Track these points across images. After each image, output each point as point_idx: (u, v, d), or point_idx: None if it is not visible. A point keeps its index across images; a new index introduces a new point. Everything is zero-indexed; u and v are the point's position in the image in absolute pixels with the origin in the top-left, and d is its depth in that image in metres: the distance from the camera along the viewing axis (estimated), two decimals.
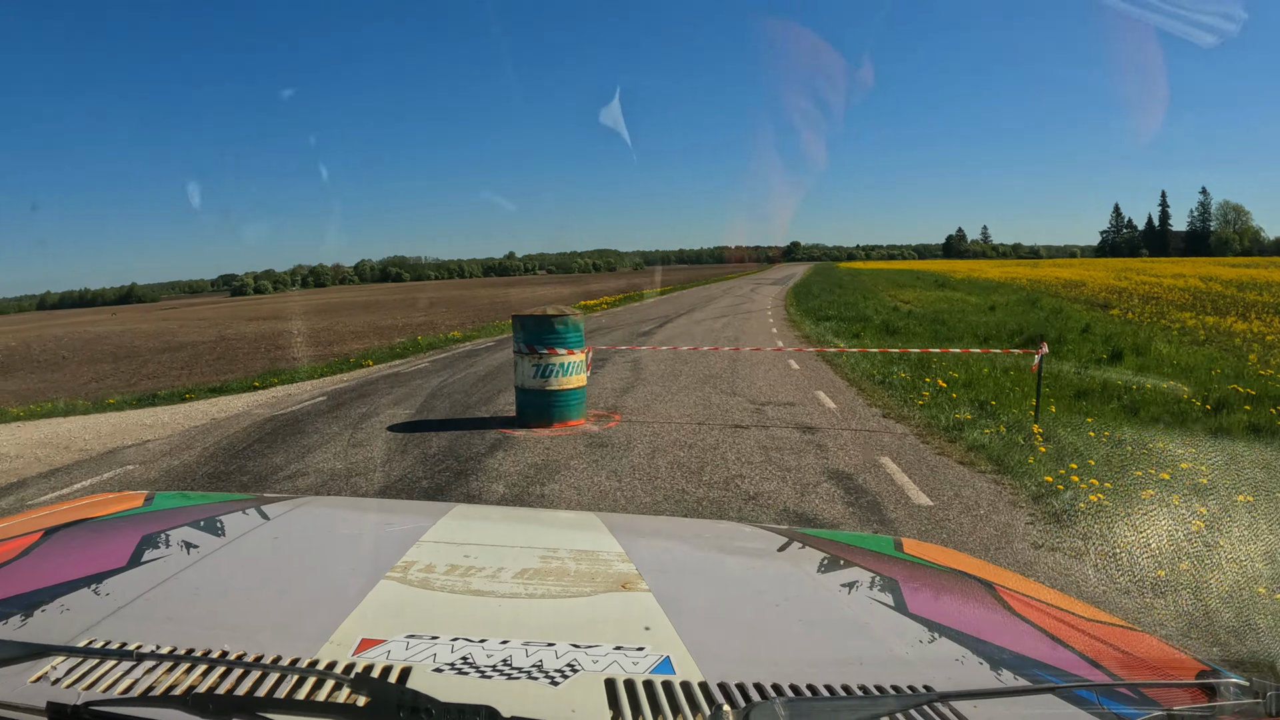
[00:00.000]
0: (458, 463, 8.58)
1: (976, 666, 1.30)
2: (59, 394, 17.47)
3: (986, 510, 6.66)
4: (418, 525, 2.04)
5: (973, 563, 2.24)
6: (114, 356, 28.60)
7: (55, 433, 11.65)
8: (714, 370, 14.97)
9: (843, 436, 9.50)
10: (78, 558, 1.68)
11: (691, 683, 1.16)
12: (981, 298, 39.13)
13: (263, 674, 1.11)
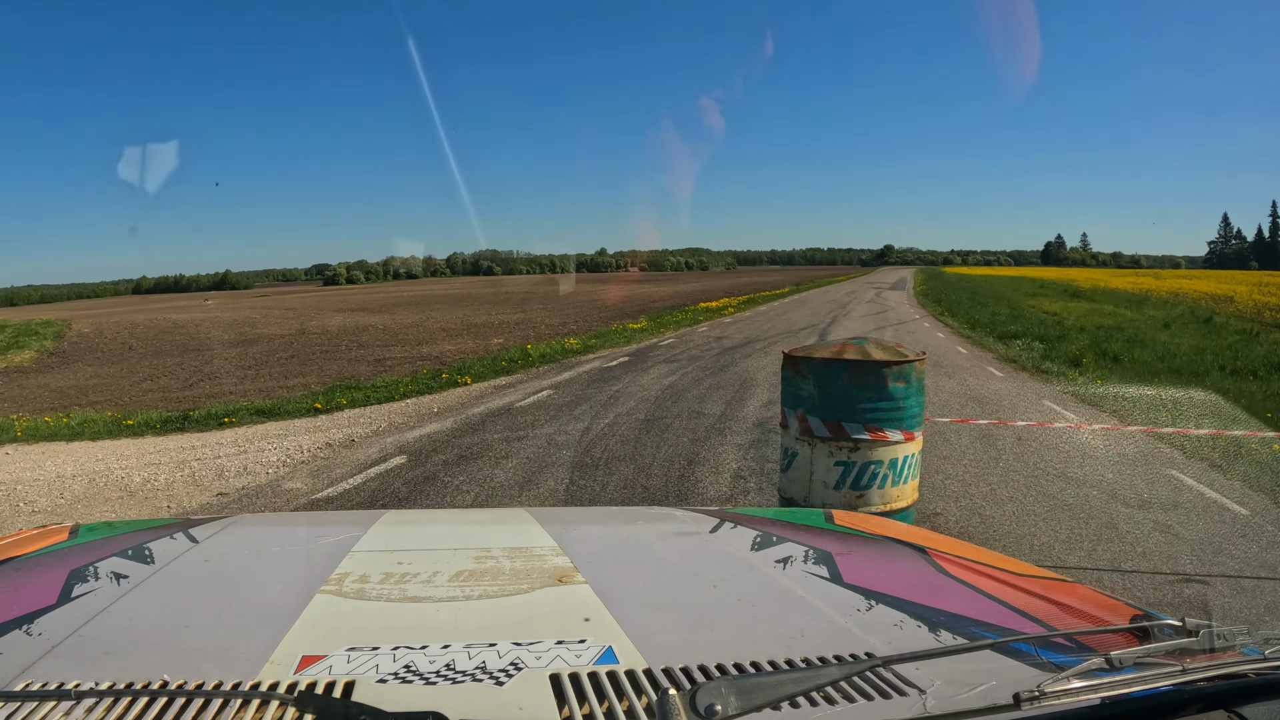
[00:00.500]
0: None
1: (915, 630, 1.33)
2: (102, 395, 15.94)
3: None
4: (349, 535, 2.01)
5: (904, 529, 2.39)
6: (183, 349, 26.49)
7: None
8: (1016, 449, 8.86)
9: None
10: (7, 598, 1.61)
11: (636, 670, 1.16)
12: (1134, 311, 35.45)
13: (205, 701, 1.07)
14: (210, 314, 49.34)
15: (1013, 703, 1.06)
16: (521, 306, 44.22)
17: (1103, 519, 6.52)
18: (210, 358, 22.96)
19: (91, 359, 24.81)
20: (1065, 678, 1.11)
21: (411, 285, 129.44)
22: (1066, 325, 27.15)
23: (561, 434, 9.79)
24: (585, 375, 15.37)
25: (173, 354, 24.90)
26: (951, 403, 11.63)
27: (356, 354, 21.40)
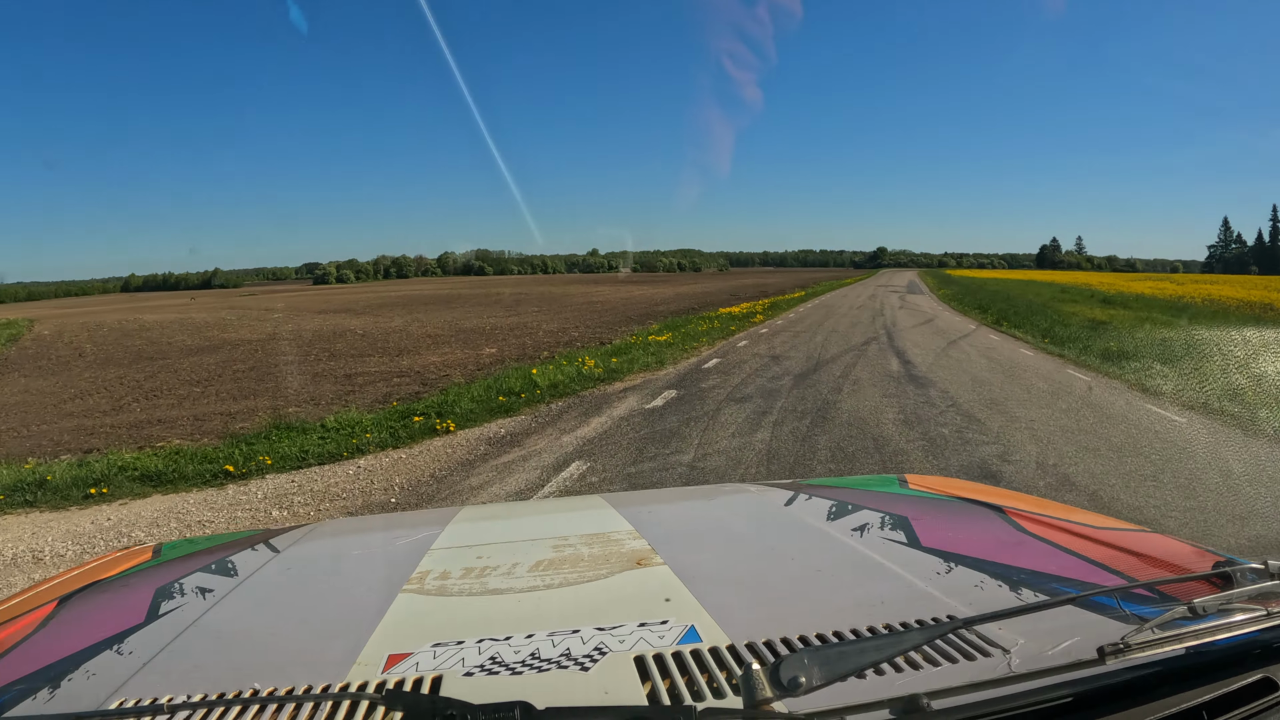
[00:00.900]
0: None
1: (996, 589, 1.33)
2: (18, 417, 13.56)
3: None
4: (427, 534, 2.03)
5: (979, 489, 2.30)
6: (138, 356, 23.51)
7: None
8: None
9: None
10: (95, 620, 1.63)
11: (719, 647, 1.16)
12: (1181, 318, 31.35)
13: (296, 706, 1.09)
14: (186, 315, 46.47)
15: (1097, 657, 1.04)
16: (515, 309, 41.84)
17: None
18: (161, 368, 19.92)
19: (33, 368, 21.98)
20: (1148, 629, 1.09)
21: (402, 284, 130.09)
22: (1145, 339, 23.28)
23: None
24: (622, 425, 10.46)
25: (124, 363, 21.90)
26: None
27: (325, 366, 18.28)
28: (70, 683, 1.25)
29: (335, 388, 14.60)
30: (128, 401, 14.78)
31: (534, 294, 62.31)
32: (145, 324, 38.57)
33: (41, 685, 1.25)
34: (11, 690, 1.25)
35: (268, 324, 35.52)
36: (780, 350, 18.51)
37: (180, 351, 24.37)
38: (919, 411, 10.74)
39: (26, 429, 12.34)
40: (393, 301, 54.88)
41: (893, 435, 9.34)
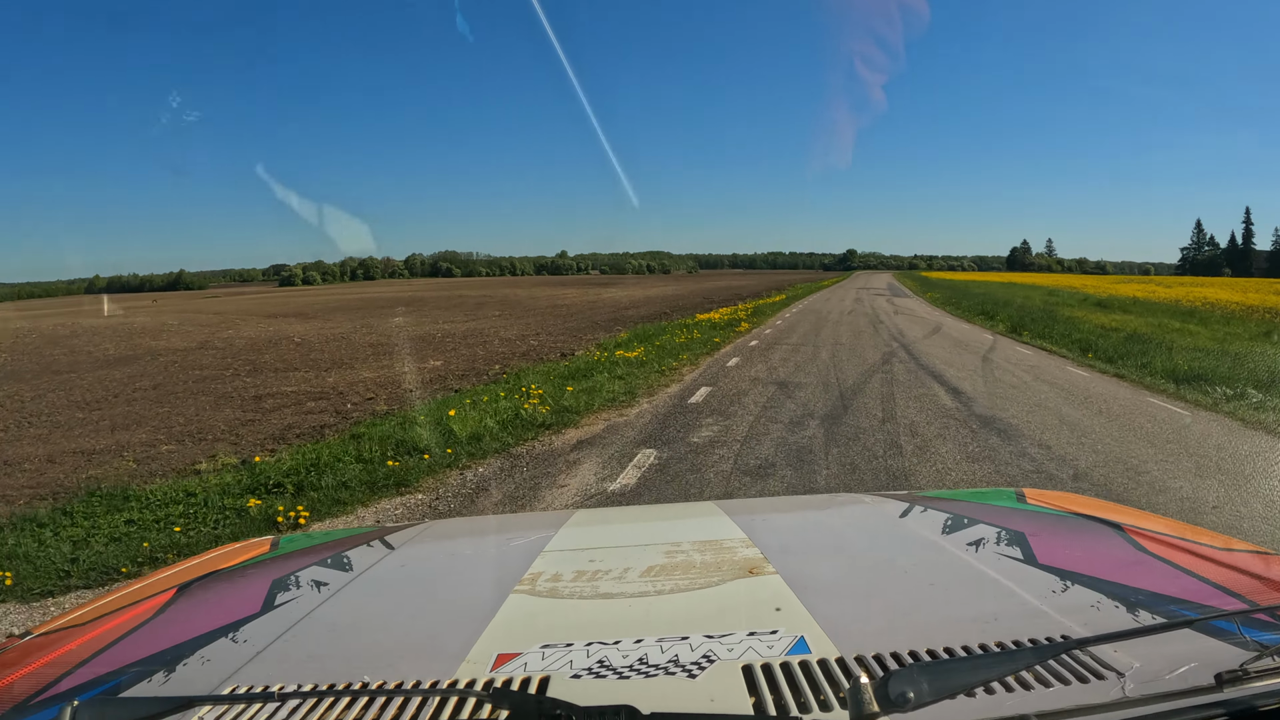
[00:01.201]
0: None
1: (1112, 610, 1.29)
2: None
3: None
4: (540, 536, 2.02)
5: (1098, 505, 2.23)
6: (45, 369, 20.63)
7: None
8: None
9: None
10: (213, 609, 1.67)
11: (828, 659, 1.14)
12: (1202, 326, 28.33)
13: (404, 700, 1.10)
14: (131, 319, 43.61)
15: (1215, 684, 1.00)
16: (475, 313, 39.50)
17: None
18: (61, 384, 17.17)
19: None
20: (1269, 656, 1.04)
21: (368, 286, 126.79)
22: (1201, 354, 19.77)
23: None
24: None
25: (27, 377, 19.05)
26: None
27: (239, 384, 15.58)
28: (185, 667, 1.28)
29: (235, 414, 12.06)
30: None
31: (499, 296, 60.42)
32: (79, 330, 35.61)
33: (158, 668, 1.28)
34: (129, 671, 1.28)
35: (206, 330, 32.75)
36: (785, 373, 14.53)
37: (94, 363, 21.46)
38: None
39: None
40: (351, 305, 52.74)
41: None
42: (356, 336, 25.94)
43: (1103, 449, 8.54)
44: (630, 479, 7.61)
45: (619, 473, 7.84)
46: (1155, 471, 7.62)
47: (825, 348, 18.95)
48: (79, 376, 18.49)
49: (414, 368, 17.41)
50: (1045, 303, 43.17)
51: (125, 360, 21.75)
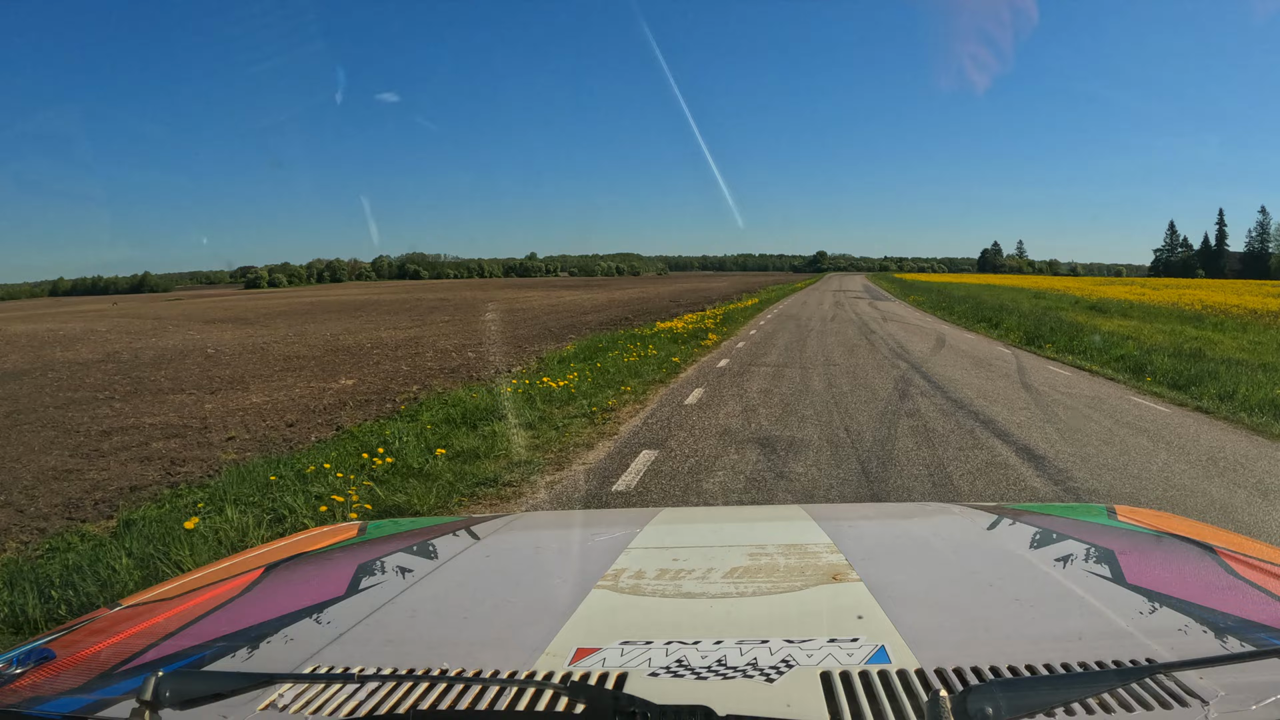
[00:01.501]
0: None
1: (1200, 635, 1.24)
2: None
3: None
4: (625, 533, 2.00)
5: (1191, 525, 2.13)
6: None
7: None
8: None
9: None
10: (298, 590, 1.68)
11: (908, 670, 1.11)
12: (1218, 333, 25.67)
13: (482, 688, 1.10)
14: (62, 325, 41.14)
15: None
16: (424, 318, 36.77)
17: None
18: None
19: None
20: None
21: (331, 289, 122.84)
22: (1216, 360, 16.33)
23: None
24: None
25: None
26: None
27: (103, 412, 12.82)
28: (269, 645, 1.29)
29: (60, 459, 9.56)
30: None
31: (458, 300, 57.89)
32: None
33: (242, 644, 1.29)
34: (214, 646, 1.29)
35: (129, 338, 30.23)
36: (768, 418, 9.97)
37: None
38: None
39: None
40: (300, 309, 50.15)
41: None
42: (277, 348, 23.15)
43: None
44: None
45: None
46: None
47: (816, 370, 14.57)
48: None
49: (319, 387, 14.62)
50: (1037, 306, 39.66)
51: (13, 376, 18.98)
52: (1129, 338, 21.47)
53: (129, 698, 1.04)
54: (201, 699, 1.05)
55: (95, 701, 1.11)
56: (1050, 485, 6.93)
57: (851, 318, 31.07)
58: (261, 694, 1.10)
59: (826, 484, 6.98)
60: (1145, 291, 53.96)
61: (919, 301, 46.26)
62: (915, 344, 20.41)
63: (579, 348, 18.24)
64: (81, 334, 33.08)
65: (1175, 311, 37.60)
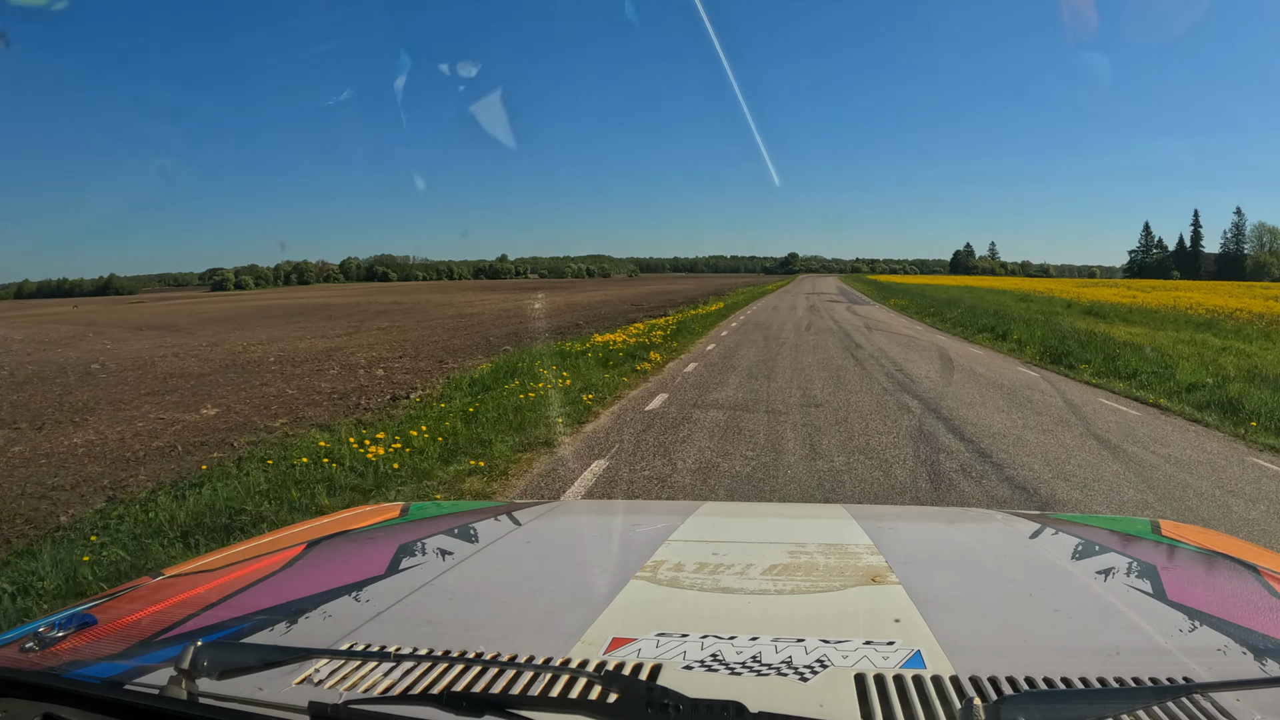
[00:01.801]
0: None
1: (1240, 656, 1.20)
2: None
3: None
4: (666, 525, 1.98)
5: (1235, 544, 2.06)
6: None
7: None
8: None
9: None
10: (339, 567, 1.70)
11: (942, 677, 1.09)
12: (1242, 342, 22.90)
13: (516, 673, 1.09)
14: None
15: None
16: (361, 325, 33.80)
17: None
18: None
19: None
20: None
21: (294, 291, 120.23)
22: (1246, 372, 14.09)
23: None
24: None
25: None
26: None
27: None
28: (307, 620, 1.30)
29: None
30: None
31: (410, 303, 55.59)
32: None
33: (281, 618, 1.30)
34: (254, 619, 1.31)
35: (35, 349, 27.29)
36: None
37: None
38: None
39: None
40: (241, 314, 48.32)
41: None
42: (170, 363, 20.26)
43: None
44: None
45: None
46: None
47: (790, 418, 9.78)
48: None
49: (167, 420, 11.37)
50: (1028, 310, 35.88)
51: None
52: (1159, 350, 17.68)
53: (167, 665, 1.06)
54: (239, 670, 1.05)
55: (134, 668, 1.11)
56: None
57: (830, 326, 26.62)
58: (298, 668, 1.09)
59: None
60: (1136, 294, 50.36)
61: (902, 306, 41.92)
62: (917, 365, 15.69)
63: (494, 367, 13.92)
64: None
65: (1178, 316, 34.68)
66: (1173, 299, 44.17)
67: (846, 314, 34.57)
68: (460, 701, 0.98)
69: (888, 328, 26.63)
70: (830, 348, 19.09)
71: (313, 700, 1.00)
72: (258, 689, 1.04)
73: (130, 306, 76.17)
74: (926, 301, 43.59)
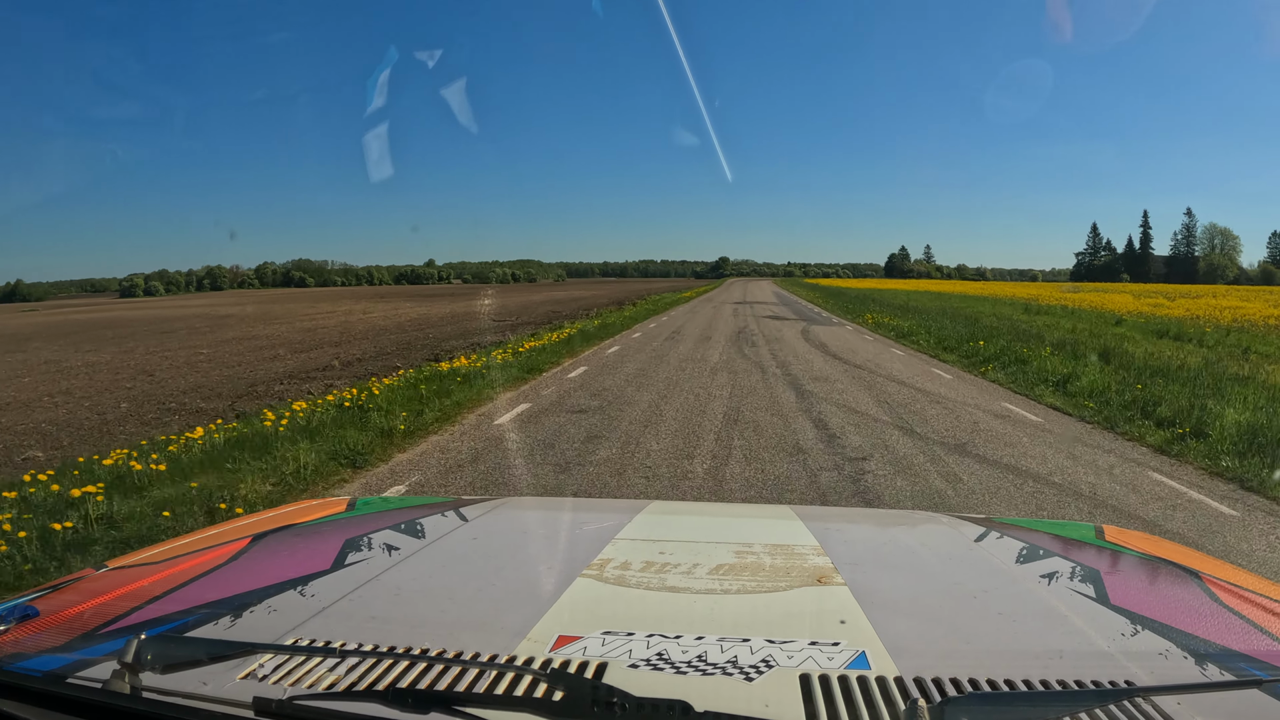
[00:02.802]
0: None
1: (1180, 660, 1.21)
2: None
3: None
4: (614, 523, 1.93)
5: (1178, 550, 2.07)
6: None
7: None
8: None
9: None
10: (284, 561, 1.66)
11: (887, 678, 1.09)
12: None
13: (462, 670, 1.08)
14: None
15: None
16: (131, 348, 27.39)
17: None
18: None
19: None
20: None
21: (198, 298, 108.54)
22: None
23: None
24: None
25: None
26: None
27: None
28: (252, 614, 1.27)
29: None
30: None
31: (256, 314, 50.48)
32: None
33: (226, 612, 1.27)
34: (198, 612, 1.27)
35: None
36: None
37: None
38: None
39: None
40: (92, 325, 44.55)
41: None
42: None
43: None
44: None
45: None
46: None
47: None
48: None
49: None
50: (1035, 324, 26.46)
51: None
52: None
53: (110, 659, 1.03)
54: (182, 664, 1.04)
55: (77, 661, 1.08)
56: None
57: (767, 364, 14.96)
58: (242, 662, 1.07)
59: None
60: (1160, 302, 41.74)
61: (884, 324, 27.41)
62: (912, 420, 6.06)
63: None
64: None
65: (1242, 329, 26.01)
66: (1138, 305, 38.65)
67: (795, 338, 21.53)
68: (405, 698, 0.95)
69: (887, 373, 14.25)
70: (770, 432, 8.03)
71: (257, 695, 0.97)
72: (202, 683, 1.02)
73: (25, 314, 70.95)
74: (907, 312, 31.91)
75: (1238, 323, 28.16)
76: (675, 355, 16.99)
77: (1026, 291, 59.62)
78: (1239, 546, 5.45)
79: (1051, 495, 6.63)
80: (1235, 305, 36.17)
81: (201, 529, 1.99)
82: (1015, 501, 6.41)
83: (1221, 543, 5.50)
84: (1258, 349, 19.49)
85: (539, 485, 6.82)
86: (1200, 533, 5.71)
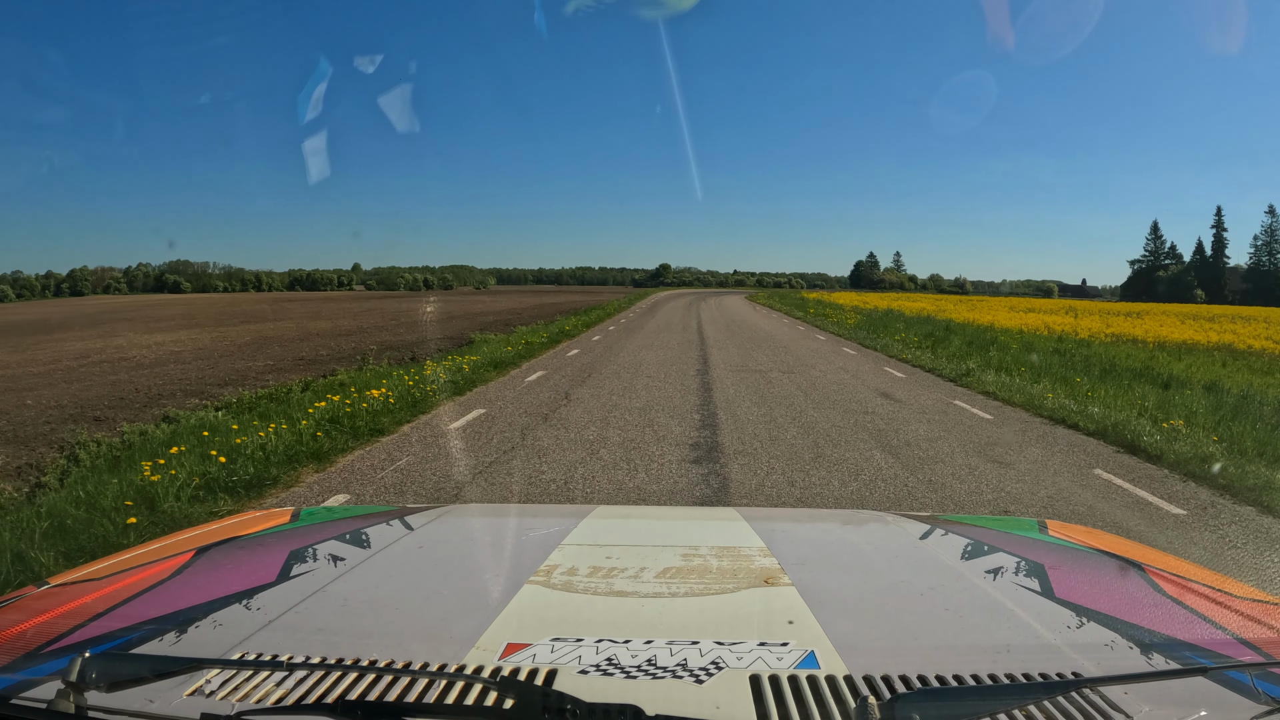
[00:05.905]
0: None
1: (1126, 651, 1.25)
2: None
3: None
4: (560, 528, 1.97)
5: (1121, 543, 2.13)
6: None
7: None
8: None
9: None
10: (229, 575, 1.65)
11: (836, 676, 1.12)
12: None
13: (411, 680, 1.09)
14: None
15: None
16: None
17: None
18: None
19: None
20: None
21: (51, 304, 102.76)
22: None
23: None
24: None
25: None
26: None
27: None
28: (197, 630, 1.28)
29: None
30: None
31: (133, 314, 52.28)
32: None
33: (170, 628, 1.28)
34: (142, 628, 1.28)
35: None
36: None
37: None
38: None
39: None
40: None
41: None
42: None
43: None
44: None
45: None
46: None
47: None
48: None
49: None
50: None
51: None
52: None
53: (54, 678, 1.05)
54: (128, 682, 1.04)
55: (20, 681, 1.09)
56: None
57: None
58: (189, 678, 1.08)
59: None
60: (1181, 331, 31.34)
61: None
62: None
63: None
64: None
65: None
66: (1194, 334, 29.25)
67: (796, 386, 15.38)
68: (354, 710, 0.97)
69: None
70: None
71: (205, 712, 0.99)
72: (148, 701, 1.03)
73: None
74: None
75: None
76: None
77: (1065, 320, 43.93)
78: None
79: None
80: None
81: (144, 543, 1.92)
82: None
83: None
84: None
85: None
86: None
